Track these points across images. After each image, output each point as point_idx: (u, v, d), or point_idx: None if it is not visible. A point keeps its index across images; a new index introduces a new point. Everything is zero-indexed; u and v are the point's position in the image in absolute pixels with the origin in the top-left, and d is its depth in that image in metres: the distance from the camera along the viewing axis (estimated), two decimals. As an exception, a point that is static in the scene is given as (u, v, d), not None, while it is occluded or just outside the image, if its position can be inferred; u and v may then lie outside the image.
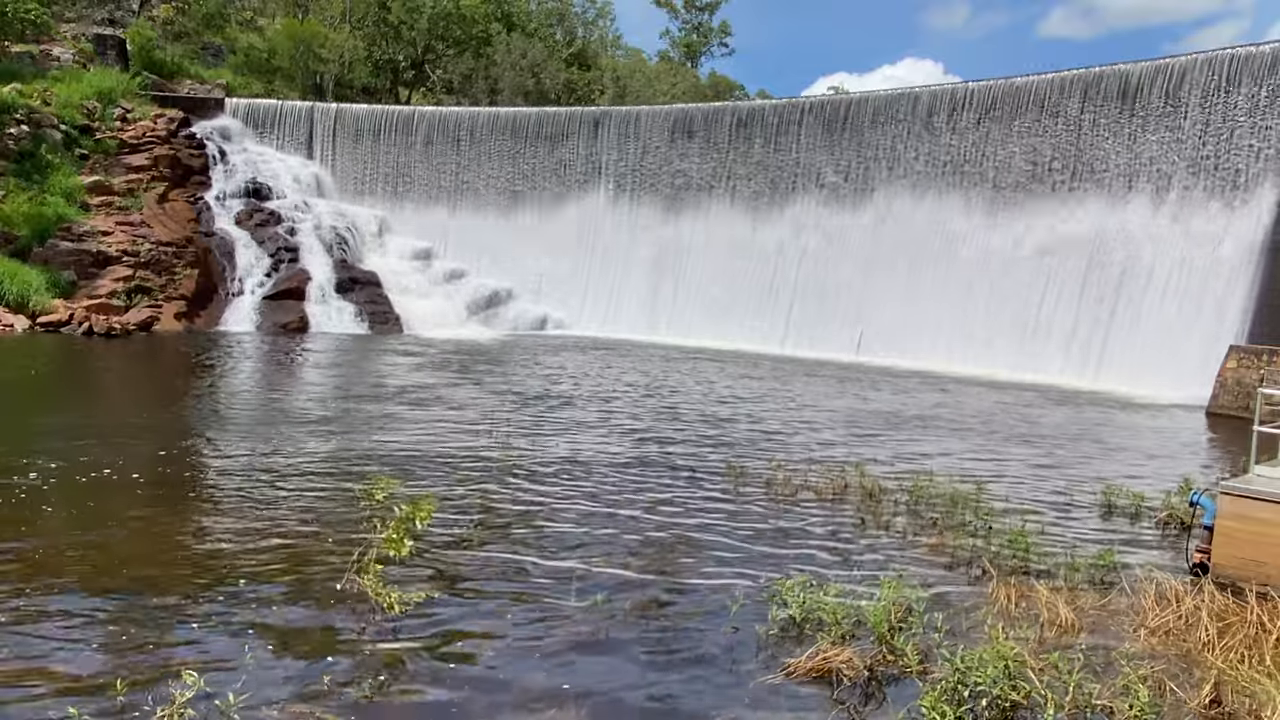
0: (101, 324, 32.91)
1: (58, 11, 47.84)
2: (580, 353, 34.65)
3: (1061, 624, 8.35)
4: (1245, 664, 7.54)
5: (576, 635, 7.90)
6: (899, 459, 16.17)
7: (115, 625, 7.65)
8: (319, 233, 42.10)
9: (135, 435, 15.47)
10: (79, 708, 6.05)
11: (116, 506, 11.19)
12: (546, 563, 9.75)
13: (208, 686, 6.24)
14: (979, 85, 36.47)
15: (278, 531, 10.32)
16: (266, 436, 15.83)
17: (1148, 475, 15.70)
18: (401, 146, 46.99)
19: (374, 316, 39.57)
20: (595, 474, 14.09)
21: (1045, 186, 34.21)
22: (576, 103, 58.65)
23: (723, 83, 74.74)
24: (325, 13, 58.21)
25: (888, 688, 7.10)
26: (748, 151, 42.22)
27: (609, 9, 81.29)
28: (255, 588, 8.58)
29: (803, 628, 7.97)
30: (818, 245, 39.56)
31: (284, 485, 12.43)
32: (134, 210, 38.97)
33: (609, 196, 45.42)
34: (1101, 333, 31.67)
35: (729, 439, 17.62)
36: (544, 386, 24.48)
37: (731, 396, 23.98)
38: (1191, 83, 31.02)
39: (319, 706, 6.42)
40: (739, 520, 11.75)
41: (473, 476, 13.46)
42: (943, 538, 11.15)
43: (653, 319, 42.64)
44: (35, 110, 39.20)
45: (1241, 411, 22.85)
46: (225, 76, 50.14)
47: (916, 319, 35.60)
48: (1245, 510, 9.35)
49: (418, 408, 19.91)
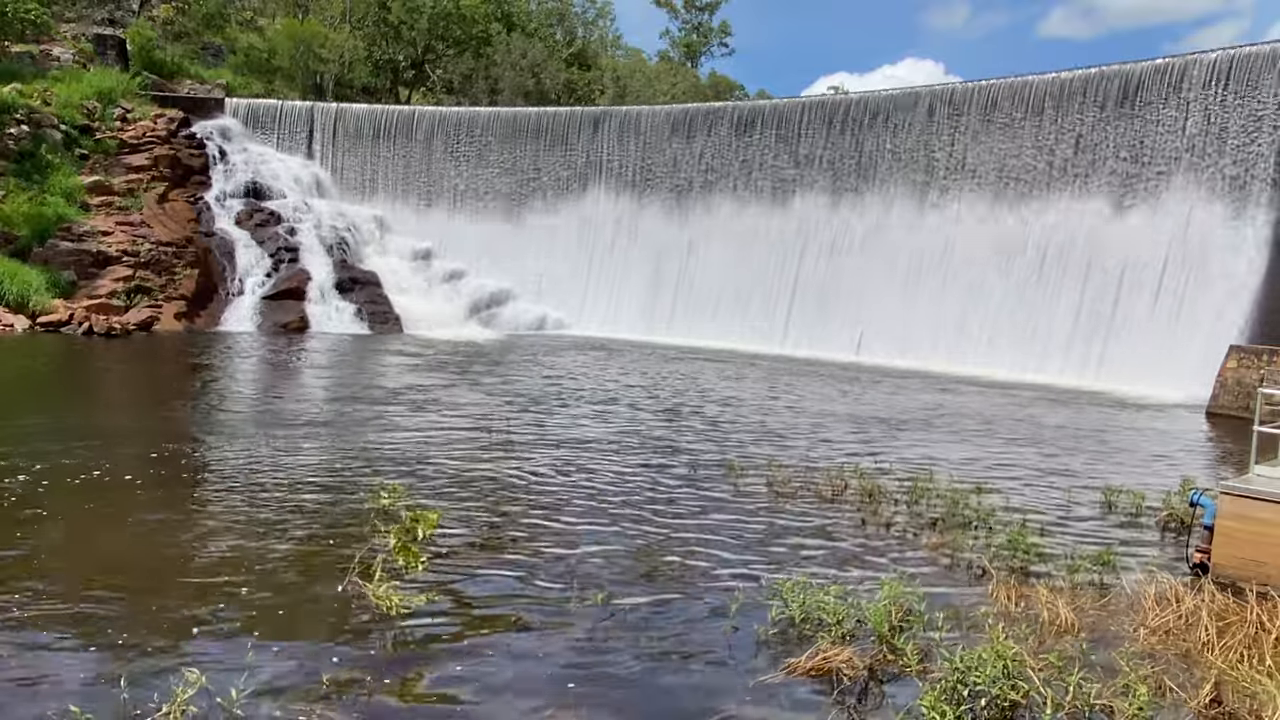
0: (101, 324, 32.92)
1: (58, 11, 47.84)
2: (580, 353, 34.65)
3: (1061, 624, 8.35)
4: (1245, 664, 7.55)
5: (577, 635, 7.90)
6: (899, 459, 16.17)
7: (116, 625, 7.66)
8: (319, 233, 42.12)
9: (135, 436, 15.47)
10: (81, 705, 6.06)
11: (116, 507, 11.19)
12: (547, 563, 9.76)
13: (209, 685, 6.24)
14: (979, 85, 36.48)
15: (279, 532, 10.33)
16: (266, 437, 15.83)
17: (1148, 475, 15.70)
18: (401, 146, 47.00)
19: (374, 316, 39.59)
20: (595, 474, 14.09)
21: (1046, 186, 34.21)
22: (576, 103, 58.65)
23: (723, 83, 74.75)
24: (325, 13, 58.21)
25: (888, 687, 7.11)
26: (748, 151, 42.22)
27: (609, 9, 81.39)
28: (256, 588, 8.59)
29: (803, 628, 7.97)
30: (818, 245, 39.56)
31: (284, 486, 12.43)
32: (134, 210, 38.98)
33: (609, 196, 45.41)
34: (1102, 333, 31.68)
35: (729, 439, 17.63)
36: (543, 387, 24.48)
37: (731, 397, 23.98)
38: (1192, 82, 31.03)
39: (319, 706, 6.43)
40: (739, 520, 11.75)
41: (472, 477, 13.47)
42: (943, 538, 11.16)
43: (652, 319, 42.63)
44: (35, 110, 39.21)
45: (1242, 411, 22.86)
46: (225, 76, 50.15)
47: (917, 319, 35.61)
48: (1245, 510, 9.36)
49: (417, 409, 19.91)
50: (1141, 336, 30.54)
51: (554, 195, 46.25)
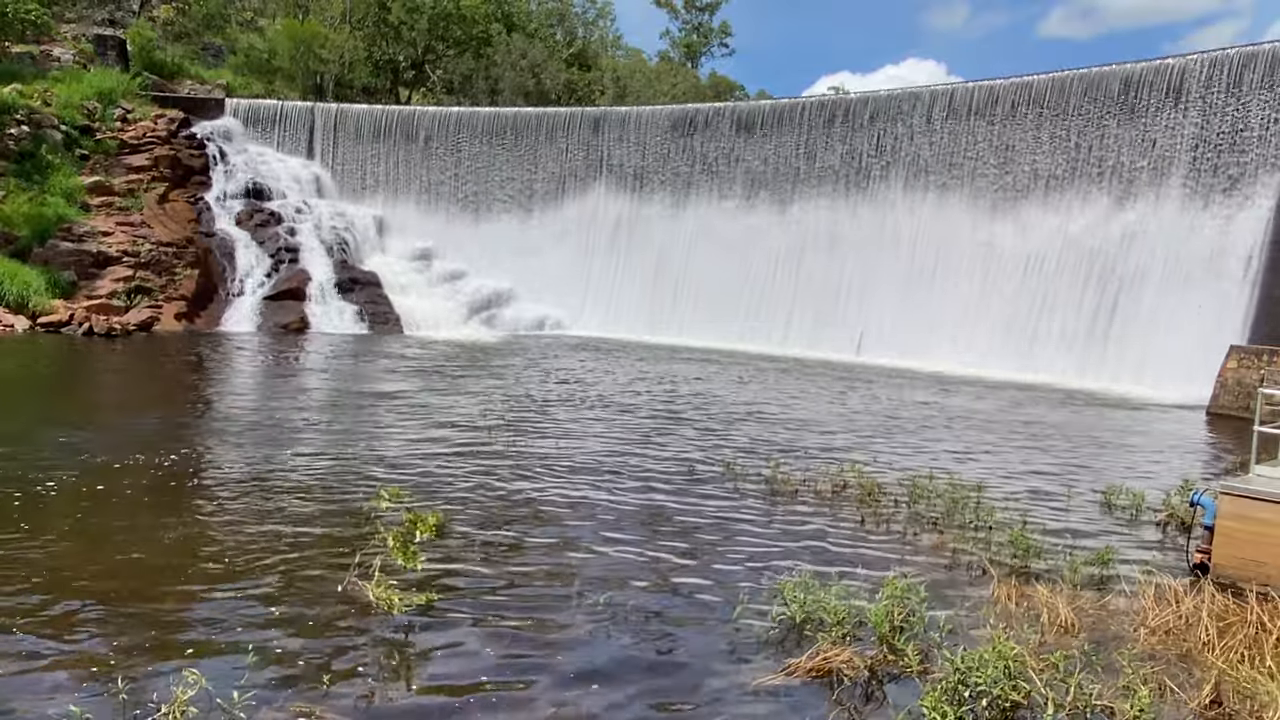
0: (101, 324, 32.92)
1: (58, 12, 47.85)
2: (580, 353, 34.65)
3: (1062, 624, 8.35)
4: (1245, 664, 7.55)
5: (578, 635, 7.91)
6: (899, 459, 16.18)
7: (116, 626, 7.65)
8: (319, 233, 42.13)
9: (135, 436, 15.47)
10: (81, 706, 6.06)
11: (115, 508, 11.18)
12: (547, 563, 9.76)
13: (209, 685, 6.24)
14: (979, 85, 36.50)
15: (278, 533, 10.32)
16: (266, 438, 15.83)
17: (1148, 475, 15.70)
18: (402, 147, 47.01)
19: (374, 317, 39.58)
20: (595, 474, 14.09)
21: (1046, 185, 34.23)
22: (577, 103, 58.65)
23: (723, 83, 74.73)
24: (325, 13, 58.18)
25: (888, 688, 7.11)
26: (748, 151, 42.24)
27: (609, 9, 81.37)
28: (257, 588, 8.59)
29: (803, 628, 7.97)
30: (818, 245, 39.57)
31: (284, 488, 12.43)
32: (134, 210, 38.99)
33: (609, 197, 45.42)
34: (1102, 333, 31.68)
35: (729, 439, 17.62)
36: (544, 387, 24.48)
37: (730, 397, 23.98)
38: (1192, 82, 31.04)
39: (320, 706, 6.43)
40: (739, 520, 11.75)
41: (472, 478, 13.46)
42: (943, 538, 11.16)
43: (652, 319, 42.63)
44: (36, 110, 39.22)
45: (1242, 411, 22.87)
46: (225, 77, 50.17)
47: (917, 319, 35.62)
48: (1245, 510, 9.36)
49: (417, 409, 19.91)
50: (1141, 336, 30.55)
51: (554, 195, 46.27)
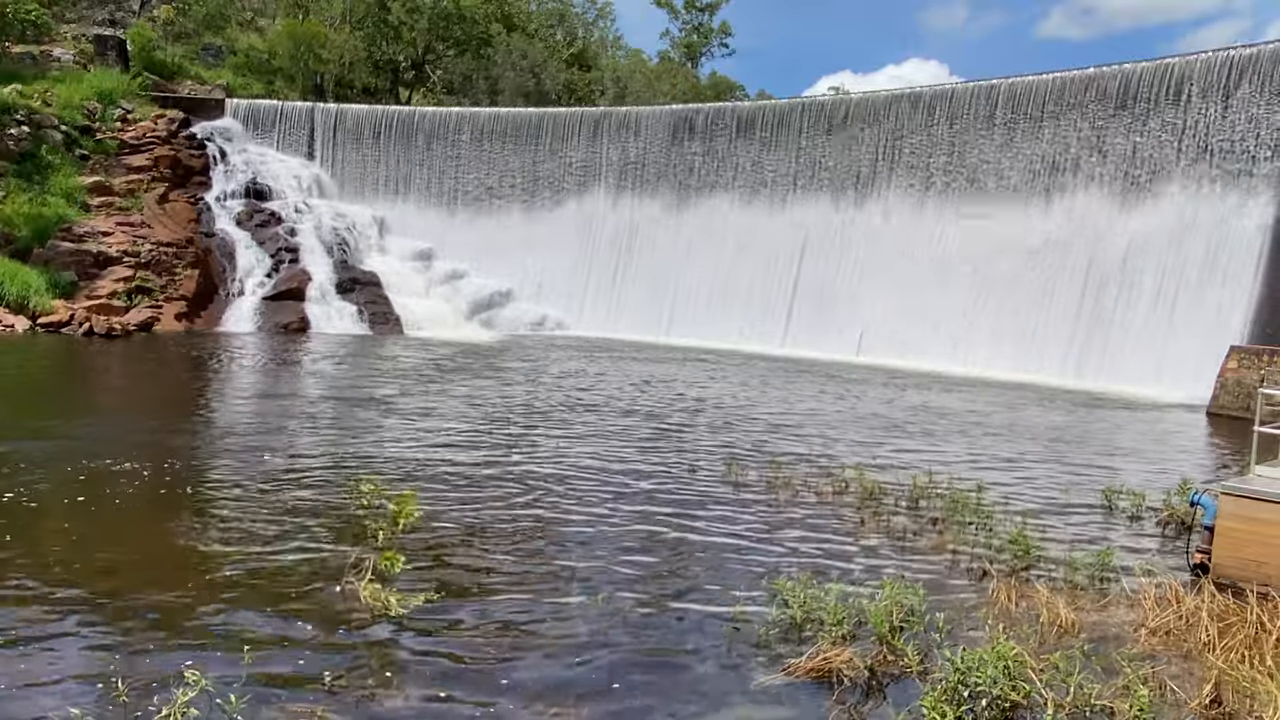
0: (102, 324, 32.92)
1: (58, 12, 47.86)
2: (580, 353, 34.65)
3: (1062, 624, 8.34)
4: (1245, 664, 7.54)
5: (577, 635, 7.90)
6: (899, 459, 16.17)
7: (116, 627, 7.65)
8: (319, 233, 42.13)
9: (134, 437, 15.47)
10: (81, 707, 6.06)
11: (114, 508, 11.18)
12: (547, 563, 9.76)
13: (209, 686, 6.24)
14: (979, 85, 36.50)
15: (277, 533, 10.32)
16: (266, 438, 15.83)
17: (1148, 475, 15.70)
18: (402, 147, 47.01)
19: (374, 317, 39.58)
20: (595, 474, 14.08)
21: (1046, 186, 34.23)
22: (577, 103, 58.64)
23: (723, 83, 74.69)
24: (325, 13, 58.16)
25: (888, 688, 7.10)
26: (748, 152, 42.24)
27: (609, 9, 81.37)
28: (256, 588, 8.59)
29: (803, 628, 7.97)
30: (818, 245, 39.56)
31: (282, 487, 12.43)
32: (134, 211, 39.01)
33: (609, 197, 45.43)
34: (1102, 333, 31.68)
35: (729, 439, 17.62)
36: (543, 388, 24.48)
37: (730, 397, 23.98)
38: (1192, 82, 31.03)
39: (319, 706, 6.43)
40: (739, 520, 11.75)
41: (473, 478, 13.46)
42: (943, 538, 11.16)
43: (652, 319, 42.62)
44: (36, 111, 39.23)
45: (1242, 412, 22.86)
46: (225, 77, 50.17)
47: (917, 319, 35.61)
48: (1246, 510, 9.35)
49: (417, 410, 19.91)
50: (1141, 336, 30.54)
51: (554, 195, 46.27)
